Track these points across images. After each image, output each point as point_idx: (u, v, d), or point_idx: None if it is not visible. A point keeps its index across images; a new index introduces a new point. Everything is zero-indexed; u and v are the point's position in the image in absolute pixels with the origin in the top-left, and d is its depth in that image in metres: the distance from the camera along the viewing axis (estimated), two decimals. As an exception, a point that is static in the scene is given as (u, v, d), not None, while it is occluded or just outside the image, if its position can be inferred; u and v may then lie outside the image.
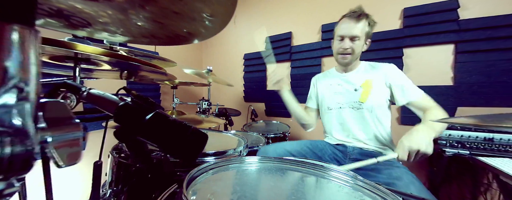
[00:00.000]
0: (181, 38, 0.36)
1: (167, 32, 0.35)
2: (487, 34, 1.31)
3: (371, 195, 0.40)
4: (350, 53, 0.97)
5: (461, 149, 1.13)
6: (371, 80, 0.98)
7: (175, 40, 0.38)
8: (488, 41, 1.32)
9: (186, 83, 1.41)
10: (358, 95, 0.99)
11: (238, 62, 2.46)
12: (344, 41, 0.96)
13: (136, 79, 0.91)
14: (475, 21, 1.35)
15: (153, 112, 0.31)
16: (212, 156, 0.63)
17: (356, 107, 0.99)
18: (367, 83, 0.98)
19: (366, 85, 0.98)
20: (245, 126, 1.75)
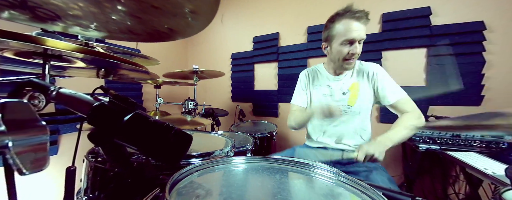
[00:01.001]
0: (163, 35, 0.34)
1: (147, 28, 0.33)
2: (455, 39, 1.44)
3: (353, 190, 0.42)
4: (355, 57, 0.90)
5: (433, 145, 1.22)
6: (358, 84, 0.98)
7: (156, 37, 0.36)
8: (455, 46, 1.44)
9: (170, 83, 1.36)
10: (346, 99, 0.99)
11: (225, 61, 2.43)
12: (355, 45, 0.86)
13: (115, 78, 0.86)
14: (445, 27, 1.47)
15: (132, 113, 0.30)
16: (198, 157, 0.61)
17: (345, 110, 0.99)
18: (355, 87, 0.98)
19: (354, 89, 0.98)
20: (232, 126, 1.73)
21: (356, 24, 0.83)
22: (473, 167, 0.92)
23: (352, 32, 0.84)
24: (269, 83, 2.18)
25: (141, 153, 0.35)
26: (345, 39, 0.86)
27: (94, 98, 0.36)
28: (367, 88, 0.97)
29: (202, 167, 0.44)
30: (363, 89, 0.98)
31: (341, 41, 0.87)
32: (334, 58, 0.95)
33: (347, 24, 0.85)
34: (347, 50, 0.88)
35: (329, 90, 1.04)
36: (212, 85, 2.53)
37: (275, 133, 1.55)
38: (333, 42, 0.91)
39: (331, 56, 0.97)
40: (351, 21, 0.84)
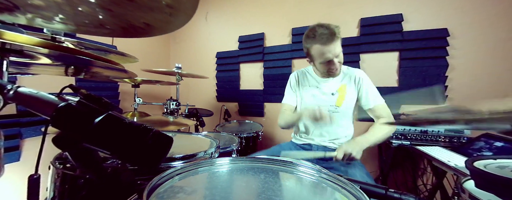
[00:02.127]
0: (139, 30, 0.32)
1: (121, 22, 0.30)
2: (423, 44, 1.58)
3: (334, 185, 0.44)
4: (338, 67, 0.99)
5: (404, 140, 1.34)
6: (345, 86, 1.06)
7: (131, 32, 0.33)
8: (423, 50, 1.59)
9: (150, 82, 1.29)
10: (335, 100, 1.05)
11: (210, 60, 2.38)
12: (332, 62, 0.94)
13: (87, 76, 0.79)
14: (414, 33, 1.60)
15: (104, 114, 0.27)
16: (180, 160, 0.58)
17: (332, 110, 1.05)
18: (342, 88, 1.06)
19: (342, 90, 1.06)
20: (217, 127, 1.70)
21: (325, 48, 0.89)
22: (438, 160, 1.02)
23: (325, 55, 0.91)
24: (255, 83, 2.18)
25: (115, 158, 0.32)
26: (321, 58, 0.93)
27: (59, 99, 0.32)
28: (353, 91, 1.05)
29: (184, 170, 0.42)
30: (349, 92, 1.05)
31: (320, 62, 0.96)
32: (318, 70, 1.06)
33: (318, 49, 0.91)
34: (327, 68, 0.98)
35: (319, 91, 1.09)
36: (196, 85, 2.46)
37: (260, 132, 1.56)
38: (314, 60, 0.99)
39: (315, 68, 1.07)
40: (319, 46, 0.90)
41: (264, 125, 1.79)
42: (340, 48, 0.94)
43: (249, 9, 2.19)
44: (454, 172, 0.93)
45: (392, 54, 1.69)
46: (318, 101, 1.08)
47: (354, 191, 0.39)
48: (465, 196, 0.51)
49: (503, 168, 0.50)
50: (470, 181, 0.55)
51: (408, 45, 1.62)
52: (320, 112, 0.88)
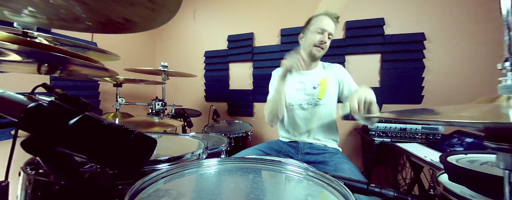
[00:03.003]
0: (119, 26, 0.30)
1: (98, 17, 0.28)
2: (402, 47, 1.68)
3: (320, 183, 0.45)
4: (324, 48, 1.04)
5: (385, 138, 1.41)
6: (326, 79, 1.09)
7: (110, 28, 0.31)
8: (403, 53, 1.68)
9: (134, 81, 1.24)
10: (317, 93, 1.08)
11: (198, 59, 2.33)
12: (324, 35, 1.01)
13: (63, 74, 0.73)
14: (395, 37, 1.69)
15: (79, 115, 0.25)
16: (166, 162, 0.56)
17: (314, 103, 1.08)
18: (324, 82, 1.09)
19: (323, 83, 1.08)
20: (206, 127, 1.67)
21: (328, 20, 1.02)
22: (415, 155, 1.09)
23: (324, 23, 1.02)
24: (244, 83, 2.18)
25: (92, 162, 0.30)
26: (318, 27, 1.02)
27: (29, 99, 0.30)
28: (334, 84, 1.09)
29: (170, 172, 0.41)
30: (330, 85, 1.08)
31: (315, 29, 1.03)
32: (306, 46, 1.07)
33: (321, 18, 1.04)
34: (318, 37, 1.02)
35: (301, 84, 1.11)
36: (184, 85, 2.40)
37: (250, 132, 1.55)
38: (308, 31, 1.06)
39: (304, 44, 1.08)
40: (325, 17, 1.03)
41: (254, 124, 1.80)
42: (333, 32, 1.04)
43: (238, 9, 2.18)
44: (430, 167, 1.00)
45: (374, 56, 1.78)
46: (301, 95, 1.10)
47: (339, 187, 0.40)
48: (440, 188, 0.54)
49: (473, 162, 0.54)
50: (444, 174, 0.59)
51: (389, 48, 1.71)
52: (290, 62, 0.88)
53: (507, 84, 0.35)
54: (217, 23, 2.27)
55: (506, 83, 0.35)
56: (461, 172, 0.47)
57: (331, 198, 0.39)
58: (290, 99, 1.12)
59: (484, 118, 0.27)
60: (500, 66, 0.36)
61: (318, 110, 1.08)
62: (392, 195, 0.43)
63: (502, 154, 0.29)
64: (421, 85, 1.65)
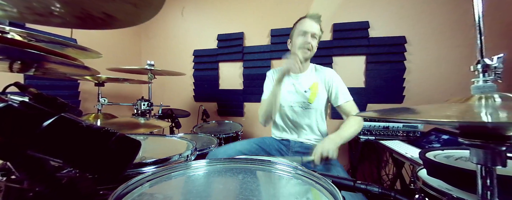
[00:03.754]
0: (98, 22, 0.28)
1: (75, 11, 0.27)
2: (385, 49, 1.76)
3: (308, 181, 0.45)
4: (310, 49, 1.05)
5: (370, 136, 1.48)
6: (317, 83, 1.12)
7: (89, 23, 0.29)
8: (386, 55, 1.77)
9: (118, 80, 1.18)
10: (307, 96, 1.11)
11: (186, 58, 2.28)
12: (307, 36, 1.04)
13: (38, 73, 0.68)
14: (378, 39, 1.77)
15: (54, 117, 0.23)
16: (152, 165, 0.54)
17: (305, 106, 1.11)
18: (314, 86, 1.12)
19: (314, 88, 1.12)
20: (195, 128, 1.64)
21: (309, 21, 1.06)
22: (397, 152, 1.14)
23: (305, 26, 1.05)
24: (234, 82, 2.16)
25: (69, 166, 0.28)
26: (300, 30, 1.06)
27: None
28: (324, 89, 1.12)
29: (155, 175, 0.39)
30: (321, 89, 1.11)
31: (298, 33, 1.06)
32: (294, 50, 1.09)
33: (302, 21, 1.08)
34: (302, 40, 1.05)
35: (293, 87, 1.14)
36: (172, 84, 2.33)
37: (240, 132, 1.55)
38: (294, 36, 1.10)
39: (292, 49, 1.11)
40: (306, 19, 1.07)
41: (244, 124, 1.79)
42: (318, 32, 1.06)
43: (228, 8, 2.16)
44: (410, 163, 1.06)
45: (360, 57, 1.85)
46: (293, 97, 1.13)
47: (327, 185, 0.41)
48: (419, 183, 0.57)
49: (449, 157, 0.58)
50: (423, 170, 0.63)
51: (373, 50, 1.79)
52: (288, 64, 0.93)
53: (478, 85, 0.37)
54: (206, 21, 2.23)
55: (478, 84, 0.37)
56: (438, 167, 0.50)
57: (320, 196, 0.40)
58: (281, 100, 1.14)
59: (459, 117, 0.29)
60: (472, 68, 0.38)
61: (309, 113, 1.11)
62: (376, 191, 0.45)
63: (474, 150, 0.32)
64: (402, 86, 1.74)
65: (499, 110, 0.30)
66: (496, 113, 0.30)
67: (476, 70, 0.37)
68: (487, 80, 0.36)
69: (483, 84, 0.36)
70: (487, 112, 0.30)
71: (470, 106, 0.34)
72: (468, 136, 0.32)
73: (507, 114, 0.28)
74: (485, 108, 0.32)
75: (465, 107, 0.35)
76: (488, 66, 0.36)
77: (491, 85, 0.36)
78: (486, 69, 0.36)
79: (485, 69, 0.36)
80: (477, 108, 0.32)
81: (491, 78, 0.36)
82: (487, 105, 0.33)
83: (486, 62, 0.36)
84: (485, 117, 0.28)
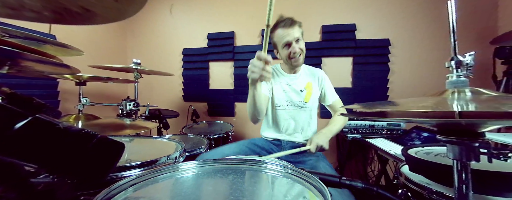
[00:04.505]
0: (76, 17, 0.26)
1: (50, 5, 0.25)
2: (371, 51, 1.84)
3: (298, 179, 0.46)
4: (300, 53, 1.04)
5: (356, 134, 1.54)
6: (311, 83, 1.15)
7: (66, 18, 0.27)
8: (371, 57, 1.84)
9: (101, 79, 1.12)
10: (303, 96, 1.12)
11: (175, 57, 2.22)
12: (292, 46, 1.00)
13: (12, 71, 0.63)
14: (365, 42, 1.84)
15: (28, 118, 0.22)
16: (138, 168, 0.52)
17: (301, 106, 1.12)
18: (309, 86, 1.14)
19: (309, 88, 1.14)
20: (184, 128, 1.60)
21: (285, 31, 0.99)
22: (382, 149, 1.20)
23: (284, 38, 1.00)
24: (225, 82, 2.14)
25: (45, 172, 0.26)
26: (282, 44, 1.02)
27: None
28: (317, 88, 1.15)
29: (141, 178, 0.38)
30: (315, 89, 1.15)
31: (281, 46, 1.03)
32: (283, 60, 1.09)
33: (279, 33, 1.02)
34: (288, 51, 1.03)
35: (289, 87, 1.14)
36: (160, 84, 2.26)
37: (231, 132, 1.53)
38: (278, 48, 1.08)
39: (281, 59, 1.11)
40: (281, 30, 1.01)
41: (235, 124, 1.78)
42: (299, 34, 1.01)
43: (219, 6, 2.13)
44: (394, 159, 1.11)
45: (347, 59, 1.91)
46: (289, 97, 1.13)
47: (315, 182, 0.42)
48: (402, 178, 0.60)
49: (429, 153, 0.61)
50: (405, 165, 0.66)
51: (359, 52, 1.86)
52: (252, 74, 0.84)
53: (452, 80, 0.40)
54: (196, 19, 2.18)
55: (452, 79, 0.40)
56: (419, 162, 0.53)
57: (309, 193, 0.40)
58: (277, 100, 1.14)
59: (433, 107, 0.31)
60: (447, 64, 0.41)
61: (303, 112, 1.13)
62: (360, 186, 0.46)
63: (451, 146, 0.34)
64: (387, 86, 1.83)
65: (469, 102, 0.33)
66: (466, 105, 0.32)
67: (450, 67, 0.40)
68: (460, 75, 0.39)
69: (456, 79, 0.39)
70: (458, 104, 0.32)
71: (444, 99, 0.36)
72: (445, 133, 0.34)
73: (476, 105, 0.30)
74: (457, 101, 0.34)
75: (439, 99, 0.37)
76: (460, 63, 0.39)
77: (464, 80, 0.39)
78: (459, 65, 0.39)
79: (458, 65, 0.39)
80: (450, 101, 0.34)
81: (464, 73, 0.39)
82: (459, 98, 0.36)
83: (459, 59, 0.39)
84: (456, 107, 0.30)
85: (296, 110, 1.13)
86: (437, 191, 0.50)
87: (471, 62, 0.38)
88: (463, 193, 0.33)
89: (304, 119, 1.13)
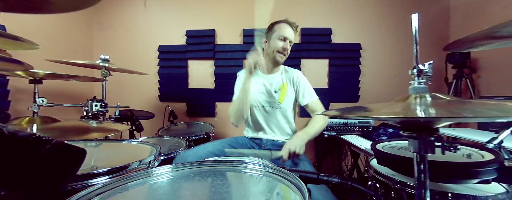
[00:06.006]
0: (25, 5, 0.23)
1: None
2: (345, 54, 1.97)
3: (278, 178, 0.47)
4: (286, 54, 1.11)
5: (332, 131, 1.64)
6: (286, 84, 1.17)
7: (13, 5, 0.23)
8: (345, 59, 1.98)
9: (61, 77, 1.00)
10: (277, 97, 1.15)
11: (150, 54, 2.07)
12: (286, 42, 1.08)
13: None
14: (339, 45, 1.97)
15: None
16: (105, 175, 0.47)
17: (275, 106, 1.15)
18: (284, 87, 1.17)
19: (283, 88, 1.16)
20: (160, 130, 1.51)
21: (289, 28, 1.10)
22: (354, 145, 1.29)
23: (286, 32, 1.08)
24: (205, 81, 2.07)
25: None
26: (280, 35, 1.08)
27: None
28: (292, 89, 1.18)
29: (108, 187, 0.34)
30: (289, 90, 1.17)
31: (278, 37, 1.08)
32: (270, 51, 1.12)
33: (283, 26, 1.10)
34: (281, 44, 1.08)
35: (264, 88, 1.17)
36: (132, 82, 2.09)
37: (211, 133, 1.49)
38: (272, 37, 1.11)
39: (268, 50, 1.13)
40: (287, 25, 1.10)
41: (216, 125, 1.74)
42: (293, 38, 1.11)
43: (198, 2, 2.05)
44: (364, 153, 1.21)
45: (324, 61, 2.02)
46: (264, 97, 1.16)
47: (294, 180, 0.43)
48: (371, 171, 0.66)
49: (393, 147, 0.67)
50: (374, 159, 0.72)
51: (335, 54, 1.99)
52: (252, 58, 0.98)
53: (414, 86, 0.45)
54: (173, 15, 2.07)
55: (414, 85, 0.45)
56: (385, 156, 0.58)
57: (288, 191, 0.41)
58: (253, 101, 1.16)
59: (399, 114, 0.34)
60: (410, 72, 0.46)
61: (278, 112, 1.15)
62: (336, 181, 0.49)
63: (411, 140, 0.38)
64: (358, 87, 1.98)
65: (429, 107, 0.37)
66: (427, 109, 0.36)
67: (412, 74, 0.45)
68: (421, 82, 0.44)
69: (417, 86, 0.44)
70: (421, 109, 0.36)
71: (409, 104, 0.40)
72: (407, 129, 0.38)
73: (435, 110, 0.35)
74: (420, 106, 0.38)
75: (405, 104, 0.41)
76: (421, 71, 0.44)
77: (424, 86, 0.44)
78: (420, 73, 0.44)
79: (419, 73, 0.44)
80: (414, 105, 0.38)
81: (424, 80, 0.44)
82: (421, 103, 0.40)
83: (420, 68, 0.43)
84: (420, 113, 0.34)
85: (272, 110, 1.15)
86: (401, 181, 0.56)
87: (430, 71, 0.43)
88: (422, 182, 0.37)
89: (279, 119, 1.16)
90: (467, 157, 0.53)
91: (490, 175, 0.45)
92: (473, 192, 0.49)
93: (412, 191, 0.52)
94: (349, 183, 0.49)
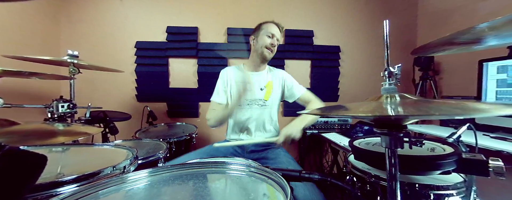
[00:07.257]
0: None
1: None
2: (325, 56, 2.07)
3: (261, 177, 0.47)
4: (273, 51, 1.14)
5: (314, 130, 1.71)
6: (272, 82, 1.19)
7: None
8: (326, 61, 2.07)
9: (20, 74, 0.89)
10: (263, 94, 1.16)
11: (126, 51, 1.93)
12: (274, 39, 1.12)
13: None
14: (320, 47, 2.06)
15: None
16: (73, 183, 0.43)
17: (261, 104, 1.15)
18: (270, 84, 1.18)
19: (269, 86, 1.17)
20: (138, 132, 1.42)
21: (276, 28, 1.15)
22: (334, 142, 1.36)
23: (274, 30, 1.14)
24: (187, 81, 2.00)
25: None
26: (268, 32, 1.12)
27: None
28: (278, 88, 1.20)
29: (76, 196, 0.31)
30: (275, 88, 1.19)
31: (266, 34, 1.13)
32: (258, 47, 1.14)
33: (271, 25, 1.15)
34: (269, 40, 1.12)
35: (249, 86, 1.15)
36: (105, 81, 1.92)
37: (194, 134, 1.44)
38: (260, 34, 1.14)
39: (256, 46, 1.14)
40: (274, 25, 1.15)
41: (199, 126, 1.68)
42: (280, 37, 1.16)
43: (180, 0, 1.98)
44: (343, 150, 1.27)
45: (306, 62, 2.10)
46: (250, 96, 1.16)
47: (277, 178, 0.44)
48: (349, 166, 0.69)
49: (369, 144, 0.72)
50: (352, 155, 0.76)
51: (316, 56, 2.07)
52: (244, 88, 1.01)
53: (385, 87, 0.48)
54: (153, 10, 1.96)
55: (385, 86, 0.48)
56: (360, 152, 0.62)
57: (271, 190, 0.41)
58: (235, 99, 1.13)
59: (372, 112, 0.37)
60: (382, 74, 0.49)
61: (264, 110, 1.16)
62: (317, 178, 0.51)
63: (383, 137, 0.41)
64: (338, 87, 2.09)
65: (398, 106, 0.40)
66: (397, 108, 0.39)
67: (384, 76, 0.48)
68: (391, 83, 0.47)
69: (388, 86, 0.47)
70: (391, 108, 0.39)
71: (381, 103, 0.44)
72: (379, 126, 0.41)
73: (404, 108, 0.38)
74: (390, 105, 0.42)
75: (378, 104, 0.44)
76: (391, 73, 0.47)
77: (394, 87, 0.47)
78: (390, 75, 0.47)
79: (390, 75, 0.47)
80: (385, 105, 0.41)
81: (393, 82, 0.47)
82: (391, 102, 0.43)
83: (390, 70, 0.47)
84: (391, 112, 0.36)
85: (257, 108, 1.15)
86: (375, 174, 0.60)
87: (399, 73, 0.47)
88: (393, 174, 0.40)
89: (265, 117, 1.17)
90: (431, 150, 0.59)
91: (451, 167, 0.50)
92: (436, 182, 0.55)
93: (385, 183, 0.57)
94: (328, 179, 0.51)
